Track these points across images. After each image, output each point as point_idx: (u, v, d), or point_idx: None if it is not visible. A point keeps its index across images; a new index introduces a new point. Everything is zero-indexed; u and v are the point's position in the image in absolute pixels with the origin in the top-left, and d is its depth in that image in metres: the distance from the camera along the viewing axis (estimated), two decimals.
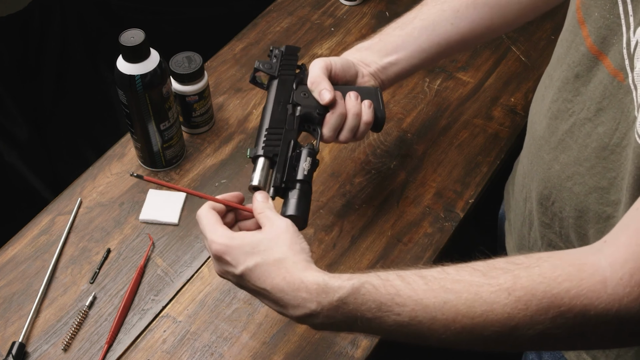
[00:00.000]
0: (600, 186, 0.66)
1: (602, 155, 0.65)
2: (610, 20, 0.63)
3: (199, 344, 0.88)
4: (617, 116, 0.63)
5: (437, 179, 1.05)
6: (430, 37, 0.87)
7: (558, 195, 0.72)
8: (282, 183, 0.78)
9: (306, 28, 1.27)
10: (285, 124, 0.82)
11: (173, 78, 1.03)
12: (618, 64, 0.63)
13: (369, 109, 0.84)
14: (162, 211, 1.01)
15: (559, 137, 0.70)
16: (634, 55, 0.60)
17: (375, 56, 0.87)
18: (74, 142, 1.74)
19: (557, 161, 0.71)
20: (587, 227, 0.70)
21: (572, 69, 0.68)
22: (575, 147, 0.68)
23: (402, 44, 0.87)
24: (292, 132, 0.82)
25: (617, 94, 0.63)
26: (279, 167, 0.79)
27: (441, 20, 0.86)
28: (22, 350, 0.87)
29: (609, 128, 0.64)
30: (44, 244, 0.98)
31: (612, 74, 0.63)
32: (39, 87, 1.75)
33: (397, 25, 0.89)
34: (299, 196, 0.77)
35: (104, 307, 0.92)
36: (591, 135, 0.66)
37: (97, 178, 1.05)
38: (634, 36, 0.60)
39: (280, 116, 0.83)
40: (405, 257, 0.96)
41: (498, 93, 1.16)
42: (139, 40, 0.91)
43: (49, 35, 1.76)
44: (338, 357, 0.87)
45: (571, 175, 0.69)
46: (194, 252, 0.97)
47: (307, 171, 0.79)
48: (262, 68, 0.87)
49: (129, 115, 0.98)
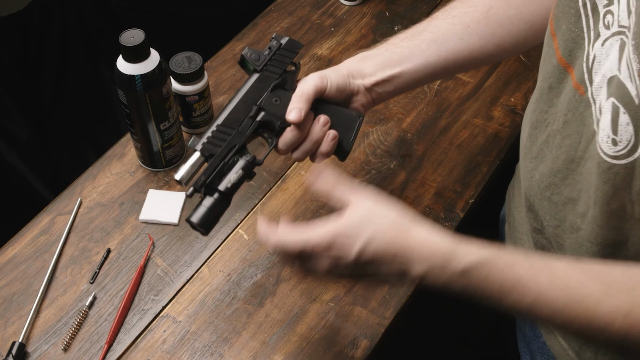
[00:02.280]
0: (572, 197, 0.67)
1: (571, 167, 0.66)
2: (575, 33, 0.64)
3: (199, 344, 0.88)
4: (580, 129, 0.64)
5: (437, 179, 1.05)
6: (439, 51, 0.83)
7: (540, 204, 0.73)
8: (202, 187, 0.73)
9: (306, 28, 1.27)
10: (238, 126, 0.77)
11: (173, 78, 1.03)
12: (580, 77, 0.63)
13: (331, 141, 0.79)
14: (162, 211, 1.01)
15: (538, 147, 0.71)
16: (592, 69, 0.61)
17: (378, 67, 0.83)
18: (74, 142, 1.74)
19: (537, 170, 0.72)
20: (564, 236, 0.70)
21: (547, 80, 0.69)
22: (550, 158, 0.69)
23: (409, 55, 0.83)
24: (242, 136, 0.77)
25: (579, 107, 0.64)
26: (208, 168, 0.74)
27: (451, 35, 0.83)
28: (22, 350, 0.87)
29: (574, 141, 0.65)
30: (44, 244, 0.98)
31: (574, 87, 0.64)
32: (39, 87, 1.75)
33: (405, 37, 0.85)
34: (210, 207, 0.72)
35: (104, 307, 0.92)
36: (561, 147, 0.67)
37: (97, 178, 1.05)
38: (592, 50, 0.61)
39: (239, 116, 0.77)
40: None
41: (498, 93, 1.16)
42: (139, 40, 0.91)
43: (49, 35, 1.76)
44: (338, 357, 0.87)
45: (548, 186, 0.70)
46: (194, 252, 0.97)
47: (232, 184, 0.74)
48: (247, 57, 0.80)
49: (129, 115, 0.98)
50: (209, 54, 1.21)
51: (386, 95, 0.84)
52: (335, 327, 0.89)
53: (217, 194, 0.73)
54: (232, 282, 0.94)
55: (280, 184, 1.04)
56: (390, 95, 0.85)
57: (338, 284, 0.93)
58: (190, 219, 0.73)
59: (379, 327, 0.89)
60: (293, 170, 1.06)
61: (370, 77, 0.82)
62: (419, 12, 1.29)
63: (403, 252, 0.63)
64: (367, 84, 0.82)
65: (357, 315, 0.90)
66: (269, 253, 0.96)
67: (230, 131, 0.76)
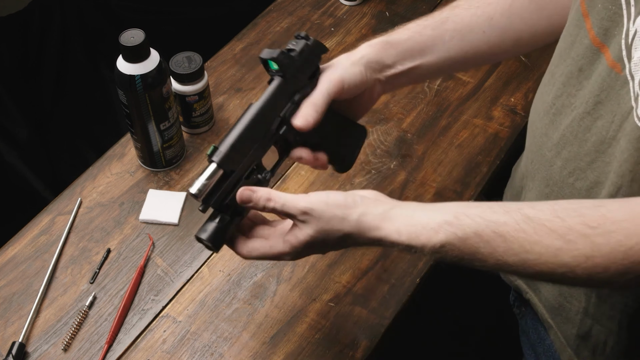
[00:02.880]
0: (599, 181, 0.67)
1: (601, 149, 0.66)
2: (612, 11, 0.63)
3: (199, 344, 0.88)
4: (614, 109, 0.63)
5: (437, 179, 1.05)
6: (461, 44, 0.81)
7: (560, 192, 0.72)
8: (220, 205, 0.69)
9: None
10: (259, 140, 0.71)
11: (173, 78, 1.03)
12: (616, 55, 0.62)
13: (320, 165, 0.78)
14: (162, 211, 1.01)
15: (561, 133, 0.70)
16: (631, 45, 0.60)
17: (398, 57, 0.79)
18: (74, 142, 1.74)
19: (559, 157, 0.71)
20: None
21: (577, 63, 0.68)
22: (576, 143, 0.68)
23: (432, 46, 0.80)
24: (263, 151, 0.72)
25: (615, 86, 0.63)
26: (228, 185, 0.69)
27: (474, 27, 0.81)
28: (22, 350, 0.87)
29: (606, 121, 0.64)
30: (44, 244, 0.98)
31: (610, 66, 0.63)
32: (39, 87, 1.75)
33: (428, 24, 0.82)
34: (225, 225, 0.69)
35: (104, 307, 0.92)
36: (591, 129, 0.66)
37: (97, 178, 1.05)
38: (633, 26, 0.60)
39: (259, 128, 0.71)
40: (405, 257, 0.96)
41: (498, 93, 1.16)
42: (139, 40, 0.91)
43: (49, 35, 1.76)
44: (338, 357, 0.87)
45: (572, 171, 0.69)
46: (194, 252, 0.97)
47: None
48: (276, 57, 0.72)
49: (129, 115, 0.98)
50: (209, 54, 1.21)
51: (399, 85, 0.82)
52: (335, 327, 0.89)
53: (232, 212, 0.70)
54: (232, 282, 0.94)
55: (280, 184, 1.04)
56: (403, 85, 0.83)
57: (337, 285, 0.93)
58: (200, 236, 0.69)
59: (379, 327, 0.89)
60: (293, 170, 1.06)
61: (389, 69, 0.79)
62: (419, 12, 1.29)
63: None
64: (382, 77, 0.79)
65: (357, 315, 0.90)
66: None
67: (251, 145, 0.71)
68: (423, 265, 0.95)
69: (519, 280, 0.86)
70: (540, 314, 0.83)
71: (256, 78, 1.19)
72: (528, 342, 0.89)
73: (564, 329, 0.79)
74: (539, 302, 0.83)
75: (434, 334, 1.56)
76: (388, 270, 0.94)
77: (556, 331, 0.81)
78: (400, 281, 0.93)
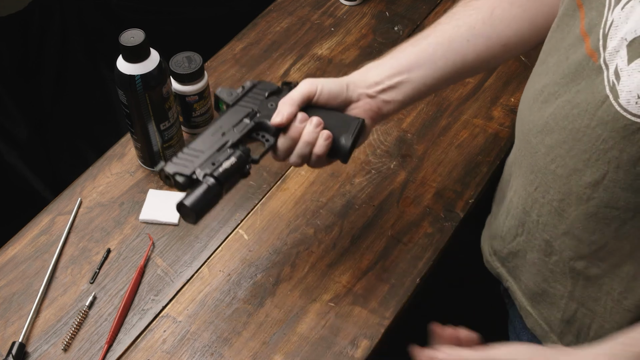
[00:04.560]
0: (577, 168, 0.68)
1: (577, 137, 0.67)
2: (599, 1, 0.64)
3: (199, 344, 0.88)
4: (588, 97, 0.65)
5: (437, 179, 1.05)
6: (446, 55, 0.82)
7: (543, 178, 0.73)
8: (193, 173, 0.74)
9: (306, 28, 1.27)
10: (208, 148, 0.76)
11: (173, 78, 1.03)
12: (594, 44, 0.64)
13: (325, 141, 0.78)
14: (162, 211, 1.01)
15: (545, 120, 0.72)
16: (607, 35, 0.62)
17: (383, 75, 0.82)
18: (74, 142, 1.74)
19: (543, 144, 0.72)
20: (569, 210, 0.71)
21: (567, 52, 0.69)
22: (557, 129, 0.70)
23: (416, 60, 0.82)
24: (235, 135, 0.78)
25: (591, 75, 0.64)
26: (199, 159, 0.75)
27: (457, 37, 0.83)
28: (22, 350, 0.87)
29: (582, 109, 0.66)
30: (44, 244, 0.98)
31: (588, 54, 0.65)
32: (39, 87, 1.75)
33: (410, 43, 0.85)
34: (203, 192, 0.72)
35: (104, 307, 0.92)
36: (568, 117, 0.68)
37: (97, 178, 1.05)
38: (611, 15, 0.62)
39: (208, 141, 0.77)
40: (405, 257, 0.96)
41: (498, 93, 1.16)
42: (139, 40, 0.91)
43: (49, 35, 1.76)
44: (338, 357, 0.87)
45: (554, 158, 0.71)
46: (194, 252, 0.97)
47: (224, 170, 0.74)
48: (220, 95, 0.81)
49: (129, 115, 0.98)
50: (209, 54, 1.21)
51: (396, 104, 0.83)
52: (335, 327, 0.89)
53: (209, 179, 0.73)
54: (232, 282, 0.94)
55: (280, 184, 1.04)
56: (401, 104, 0.83)
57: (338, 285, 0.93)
58: (182, 201, 0.72)
59: (379, 327, 0.89)
60: (293, 170, 1.06)
61: (376, 85, 0.81)
62: (419, 12, 1.29)
63: None
64: (371, 92, 0.82)
65: (357, 315, 0.90)
66: (269, 253, 0.96)
67: (197, 154, 0.76)
68: (423, 265, 0.95)
69: (500, 268, 0.87)
70: (519, 302, 0.84)
71: (256, 78, 1.19)
72: (514, 330, 0.91)
73: (547, 315, 0.81)
74: (519, 289, 0.84)
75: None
76: (388, 270, 0.94)
77: (536, 318, 0.82)
78: (400, 281, 0.93)
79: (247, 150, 0.77)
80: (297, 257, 0.96)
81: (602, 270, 0.72)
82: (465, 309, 1.57)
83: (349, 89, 0.81)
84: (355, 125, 0.80)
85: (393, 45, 1.25)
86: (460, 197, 1.02)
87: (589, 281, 0.74)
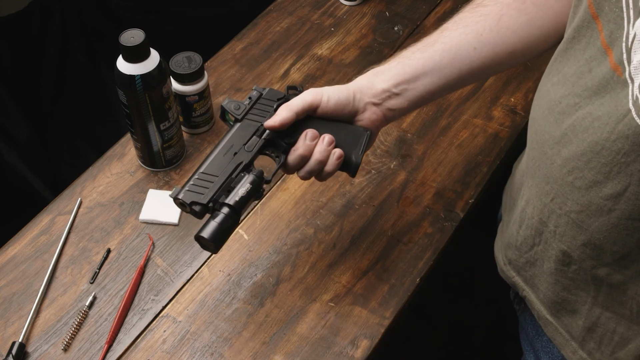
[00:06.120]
0: (597, 180, 0.67)
1: (595, 149, 0.66)
2: (615, 13, 0.64)
3: (199, 344, 0.88)
4: (611, 111, 0.64)
5: (437, 179, 1.05)
6: (452, 62, 0.83)
7: (559, 190, 0.73)
8: (209, 202, 0.74)
9: (306, 28, 1.27)
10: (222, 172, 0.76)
11: (173, 78, 1.03)
12: (618, 58, 0.63)
13: (337, 160, 0.78)
14: (162, 211, 1.01)
15: (562, 131, 0.71)
16: (631, 49, 0.61)
17: (390, 82, 0.82)
18: (74, 142, 1.74)
19: (559, 155, 0.72)
20: (589, 221, 0.70)
21: (589, 64, 0.69)
22: (575, 141, 0.69)
23: (423, 68, 0.82)
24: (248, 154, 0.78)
25: (616, 89, 0.64)
26: (214, 185, 0.75)
27: (464, 44, 0.83)
28: (22, 350, 0.87)
29: (603, 122, 0.65)
30: (44, 244, 0.98)
31: (612, 69, 0.64)
32: (39, 87, 1.75)
33: (417, 49, 0.84)
34: (220, 221, 0.73)
35: (104, 307, 0.92)
36: (588, 129, 0.67)
37: (97, 178, 1.05)
38: (633, 29, 0.61)
39: (221, 163, 0.77)
40: (405, 257, 0.96)
41: (498, 93, 1.16)
42: (139, 40, 0.91)
43: (49, 35, 1.76)
44: (338, 357, 0.87)
45: (571, 170, 0.70)
46: (194, 252, 0.97)
47: (240, 197, 0.74)
48: (227, 108, 0.81)
49: (129, 115, 0.98)
50: (209, 54, 1.21)
51: (401, 111, 0.83)
52: (335, 327, 0.89)
53: (225, 208, 0.73)
54: (232, 282, 0.94)
55: (280, 184, 1.05)
56: (406, 110, 0.84)
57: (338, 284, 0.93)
58: (200, 234, 0.72)
59: (379, 327, 0.89)
60: None
61: (382, 92, 0.82)
62: (419, 12, 1.29)
63: None
64: (377, 100, 0.82)
65: (357, 315, 0.90)
66: (269, 253, 0.96)
67: (212, 178, 0.75)
68: (423, 265, 0.95)
69: (516, 277, 0.86)
70: (537, 311, 0.83)
71: (256, 78, 1.19)
72: (527, 338, 0.90)
73: (567, 323, 0.79)
74: (537, 299, 0.83)
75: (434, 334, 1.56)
76: (388, 270, 0.94)
77: (557, 327, 0.81)
78: (400, 281, 0.93)
79: (260, 173, 0.77)
80: (297, 257, 0.96)
81: (625, 277, 0.71)
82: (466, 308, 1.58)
83: (355, 99, 0.81)
84: (364, 139, 0.81)
85: (393, 45, 1.26)
86: (461, 197, 1.02)
87: (612, 287, 0.72)
